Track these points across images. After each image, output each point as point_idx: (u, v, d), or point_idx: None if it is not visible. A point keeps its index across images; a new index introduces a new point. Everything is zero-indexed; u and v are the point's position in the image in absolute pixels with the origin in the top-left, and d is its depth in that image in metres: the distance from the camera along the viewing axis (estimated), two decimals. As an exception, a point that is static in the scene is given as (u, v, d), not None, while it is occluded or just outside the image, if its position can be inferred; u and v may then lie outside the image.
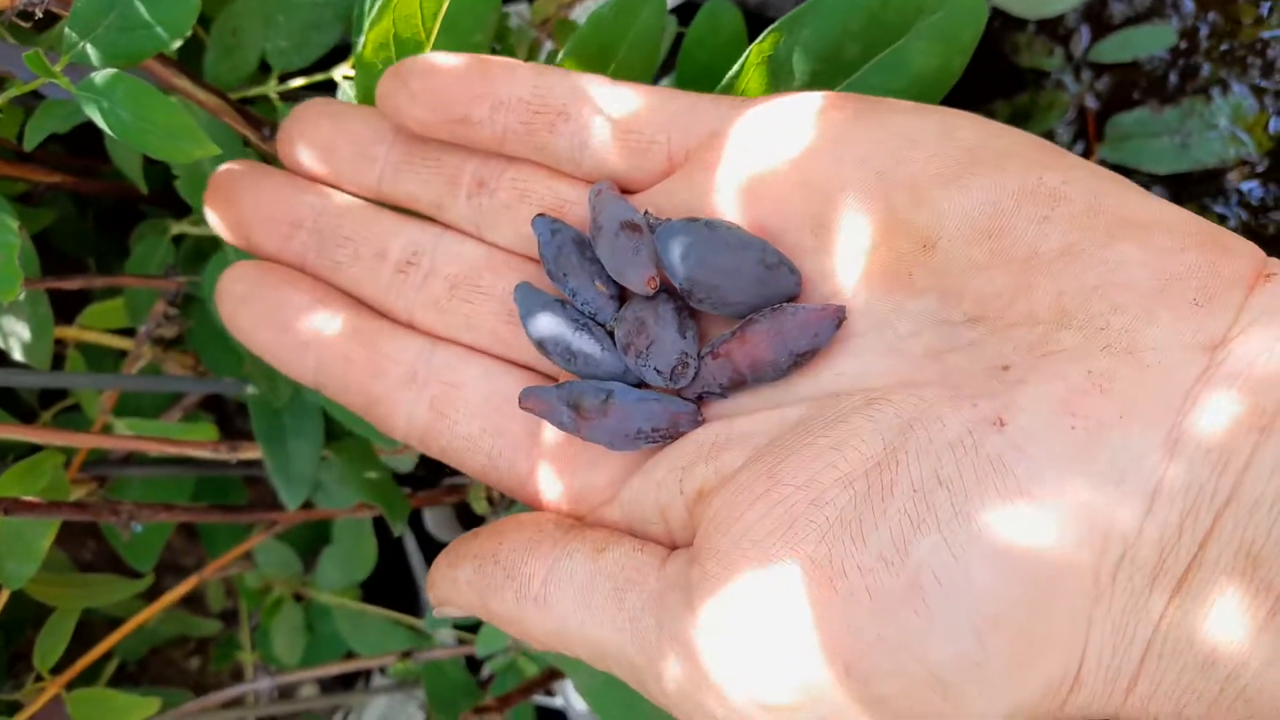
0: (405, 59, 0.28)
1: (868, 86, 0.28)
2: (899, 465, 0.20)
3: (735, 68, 0.29)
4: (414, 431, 0.27)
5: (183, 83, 0.32)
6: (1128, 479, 0.19)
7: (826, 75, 0.28)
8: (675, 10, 0.52)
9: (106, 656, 0.54)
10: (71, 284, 0.35)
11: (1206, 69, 0.58)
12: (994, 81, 0.63)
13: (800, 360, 0.23)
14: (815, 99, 0.25)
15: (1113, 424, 0.19)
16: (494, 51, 0.42)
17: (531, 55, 0.43)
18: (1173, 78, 0.59)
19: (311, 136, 0.29)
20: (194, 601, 0.65)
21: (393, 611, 0.51)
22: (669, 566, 0.23)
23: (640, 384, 0.25)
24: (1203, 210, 0.57)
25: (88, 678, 0.48)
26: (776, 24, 0.28)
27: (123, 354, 0.43)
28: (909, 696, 0.19)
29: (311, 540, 0.52)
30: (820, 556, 0.20)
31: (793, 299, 0.24)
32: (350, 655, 0.51)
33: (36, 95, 0.40)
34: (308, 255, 0.29)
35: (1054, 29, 0.62)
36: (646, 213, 0.25)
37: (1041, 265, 0.21)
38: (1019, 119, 0.61)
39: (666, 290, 0.25)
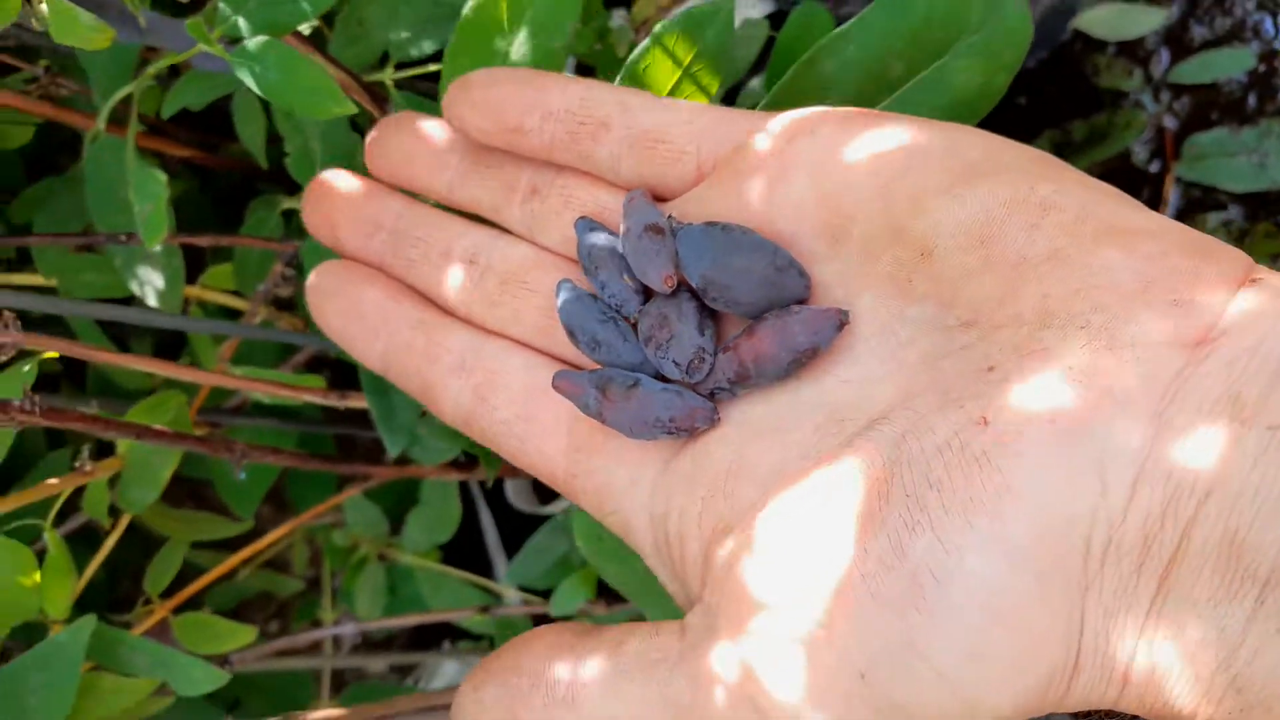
0: (470, 73, 0.30)
1: (910, 104, 0.29)
2: (894, 477, 0.21)
3: (778, 85, 0.30)
4: (460, 415, 0.29)
5: (316, 58, 0.35)
6: (1109, 469, 0.19)
7: (870, 92, 0.29)
8: (769, 17, 0.54)
9: (197, 606, 0.58)
10: (201, 240, 0.39)
11: (1286, 93, 0.59)
12: (1075, 102, 0.65)
13: (801, 358, 0.24)
14: (833, 114, 0.26)
15: (1093, 416, 0.19)
16: (596, 50, 0.45)
17: (630, 53, 0.46)
18: (1251, 99, 0.60)
19: (395, 145, 0.32)
20: (279, 568, 0.68)
21: (470, 574, 0.53)
22: (689, 633, 0.23)
23: (658, 376, 0.26)
24: (1278, 229, 0.58)
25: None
26: (822, 41, 0.29)
27: (238, 315, 0.47)
28: (922, 700, 0.20)
29: (398, 503, 0.55)
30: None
31: (802, 302, 0.25)
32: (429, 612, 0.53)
33: (170, 74, 0.44)
34: (385, 254, 0.31)
35: (1134, 51, 0.63)
36: (670, 217, 0.27)
37: (1029, 269, 0.22)
38: (1096, 138, 0.62)
39: (689, 291, 0.26)
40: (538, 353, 0.29)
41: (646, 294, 0.27)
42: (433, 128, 0.32)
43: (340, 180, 0.32)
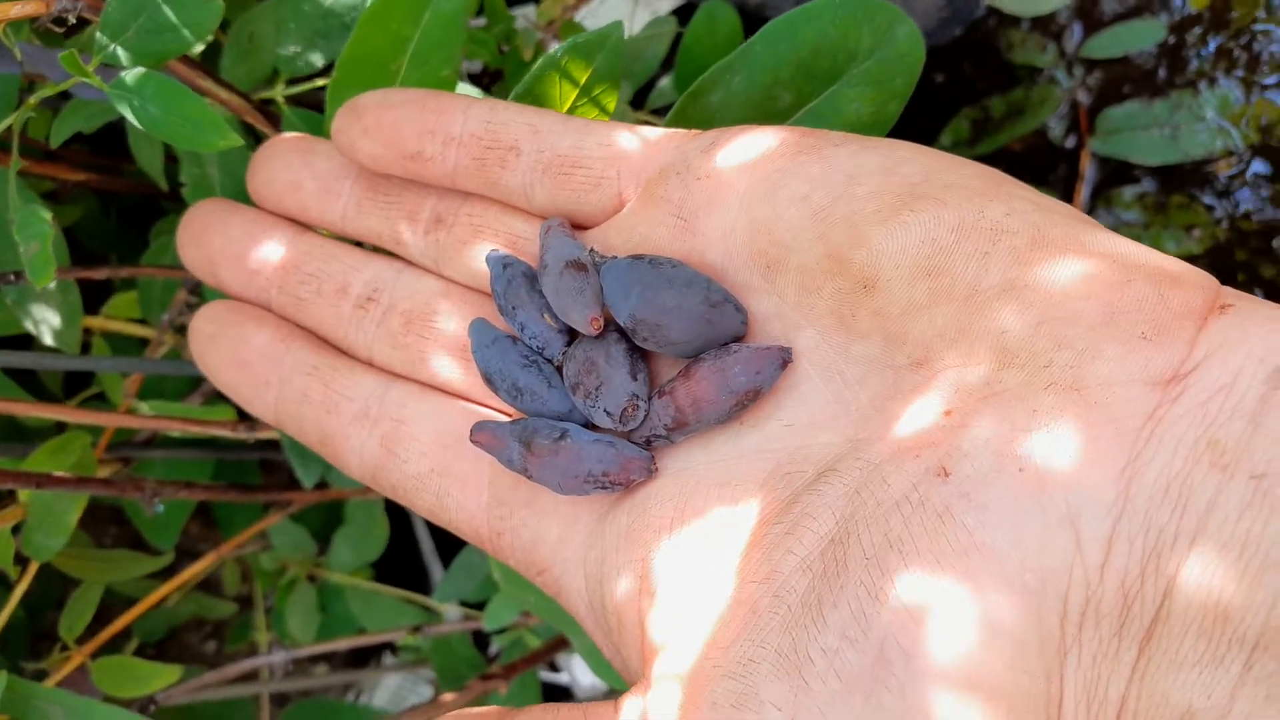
0: (360, 95, 0.28)
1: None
2: (850, 536, 0.19)
3: (669, 115, 0.29)
4: (366, 469, 0.27)
5: (205, 83, 0.33)
6: (1083, 522, 0.18)
7: (758, 124, 0.27)
8: (676, 11, 0.53)
9: (126, 636, 0.56)
10: (98, 274, 0.37)
11: (1194, 63, 0.60)
12: (990, 78, 0.65)
13: (743, 400, 0.22)
14: (760, 134, 0.24)
15: (1062, 464, 0.18)
16: (502, 53, 0.44)
17: (537, 56, 0.45)
18: (1162, 72, 0.60)
19: (279, 172, 0.29)
20: (210, 588, 0.67)
21: (403, 590, 0.52)
22: (624, 716, 0.21)
23: (588, 424, 0.25)
24: (1191, 201, 0.59)
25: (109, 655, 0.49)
26: (709, 71, 0.28)
27: (145, 343, 0.45)
28: None
29: (325, 523, 0.54)
30: (785, 648, 0.19)
31: (739, 339, 0.23)
32: (363, 634, 0.53)
33: (63, 96, 0.42)
34: (271, 292, 0.29)
35: (1047, 26, 0.63)
36: (592, 250, 0.25)
37: (983, 303, 0.20)
38: (1013, 114, 0.63)
39: (618, 330, 0.24)
40: (450, 397, 0.27)
41: (570, 333, 0.25)
42: (322, 152, 0.29)
43: (219, 211, 0.30)
